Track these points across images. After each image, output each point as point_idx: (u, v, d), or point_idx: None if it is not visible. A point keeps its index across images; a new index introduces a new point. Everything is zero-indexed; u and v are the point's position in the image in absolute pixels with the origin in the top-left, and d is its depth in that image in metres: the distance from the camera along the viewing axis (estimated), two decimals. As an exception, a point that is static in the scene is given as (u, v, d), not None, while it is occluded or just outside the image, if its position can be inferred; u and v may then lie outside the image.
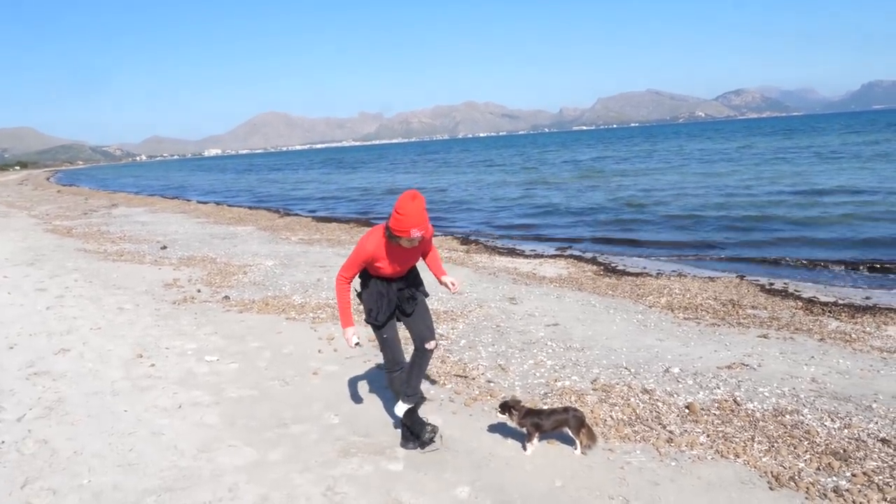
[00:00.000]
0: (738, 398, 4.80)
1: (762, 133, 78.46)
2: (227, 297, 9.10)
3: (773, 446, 4.03)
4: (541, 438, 4.15)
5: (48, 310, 8.56)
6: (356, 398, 5.13)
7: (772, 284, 9.39)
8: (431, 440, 4.15)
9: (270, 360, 6.24)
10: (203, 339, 7.00)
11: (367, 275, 4.17)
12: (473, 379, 5.51)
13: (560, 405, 4.50)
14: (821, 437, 4.11)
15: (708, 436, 4.22)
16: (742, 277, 9.87)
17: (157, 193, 43.72)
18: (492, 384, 5.37)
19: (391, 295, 4.13)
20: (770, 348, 6.09)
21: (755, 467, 3.79)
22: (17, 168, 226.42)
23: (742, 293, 8.71)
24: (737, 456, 3.93)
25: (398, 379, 4.21)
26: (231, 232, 17.84)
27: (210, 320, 7.85)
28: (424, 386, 5.32)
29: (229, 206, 29.22)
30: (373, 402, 5.03)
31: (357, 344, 4.13)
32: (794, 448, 3.98)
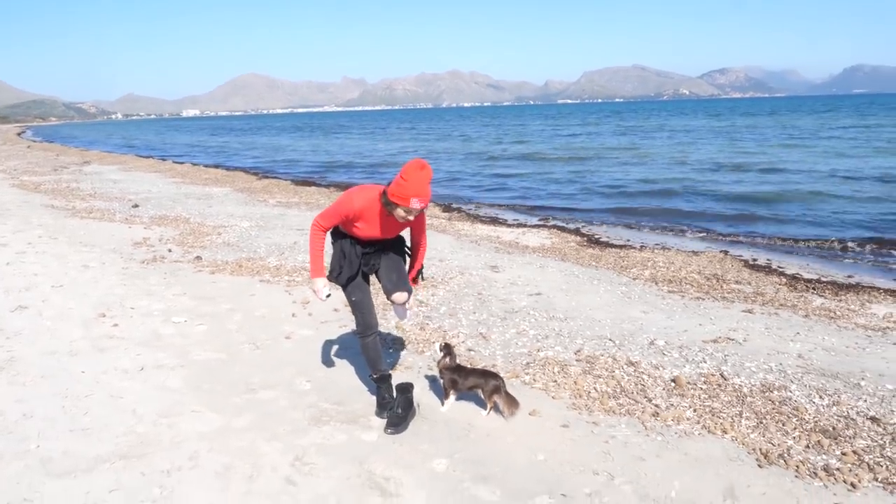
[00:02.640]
0: (725, 373, 4.66)
1: (751, 113, 78.33)
2: (199, 258, 8.78)
3: (761, 422, 3.90)
4: (458, 397, 4.14)
5: (7, 265, 8.19)
6: (330, 364, 4.92)
7: (755, 260, 9.31)
8: (395, 423, 3.86)
9: (241, 322, 5.98)
10: (171, 300, 6.71)
11: (338, 231, 3.92)
12: (453, 347, 5.30)
13: (481, 368, 4.45)
14: (809, 415, 3.98)
15: (695, 410, 4.08)
16: (726, 253, 9.76)
17: (132, 152, 42.64)
18: (472, 353, 5.19)
19: (353, 256, 3.89)
20: (755, 323, 5.98)
21: (743, 444, 3.66)
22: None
23: (726, 268, 8.60)
24: (724, 432, 3.79)
25: (371, 345, 3.99)
26: (206, 193, 17.37)
27: (180, 281, 7.55)
28: (402, 353, 5.15)
29: (205, 167, 28.54)
30: (347, 369, 4.81)
31: (328, 296, 3.88)
32: (783, 425, 3.86)
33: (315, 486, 3.23)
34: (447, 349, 4.13)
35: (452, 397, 4.11)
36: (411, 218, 3.57)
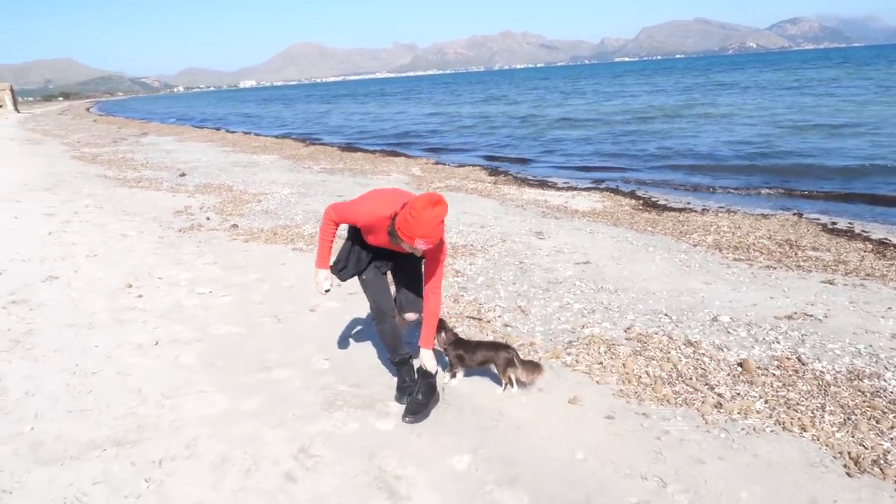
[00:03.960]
0: (803, 356, 4.01)
1: (828, 65, 73.12)
2: (235, 226, 8.52)
3: (849, 419, 3.26)
4: (466, 373, 3.84)
5: (49, 235, 8.11)
6: (352, 340, 4.50)
7: (834, 224, 8.38)
8: (414, 411, 3.41)
9: (267, 293, 5.64)
10: (201, 269, 6.44)
11: (354, 229, 3.52)
12: (489, 322, 4.82)
13: (489, 340, 4.02)
14: (910, 410, 3.32)
15: (766, 402, 3.47)
16: (800, 215, 8.86)
17: (189, 123, 43.35)
18: (509, 328, 4.68)
19: (363, 255, 3.52)
20: (837, 296, 5.23)
21: (827, 445, 3.05)
22: (61, 99, 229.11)
23: (801, 232, 7.76)
24: (803, 429, 3.19)
25: (388, 331, 3.54)
26: (253, 160, 17.24)
27: (212, 249, 7.29)
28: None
29: (256, 135, 28.60)
30: (369, 346, 4.38)
31: (327, 291, 3.57)
32: (877, 423, 3.21)
33: (316, 484, 2.82)
34: (440, 325, 3.67)
35: (460, 374, 3.77)
36: (418, 254, 3.16)
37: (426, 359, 3.50)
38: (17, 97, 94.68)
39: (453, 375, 3.81)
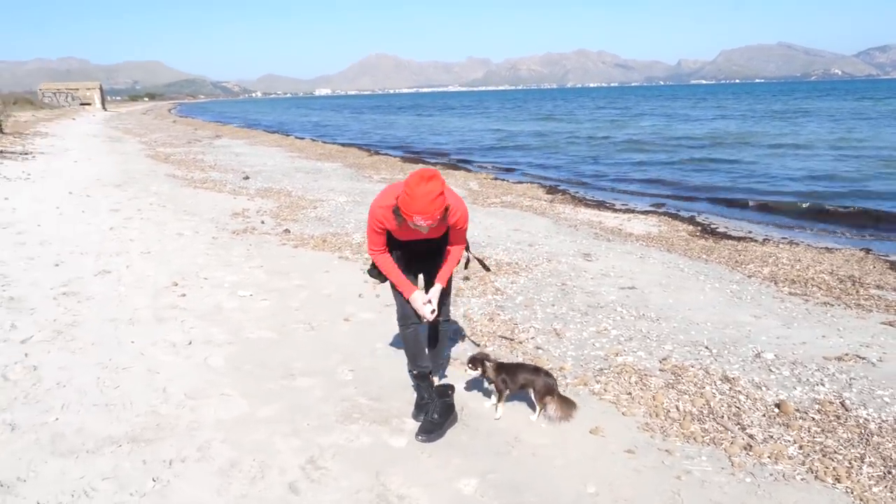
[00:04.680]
0: (848, 401, 3.75)
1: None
2: (287, 231, 8.71)
3: (889, 472, 3.02)
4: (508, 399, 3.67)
5: (111, 230, 8.49)
6: (380, 353, 4.50)
7: (905, 261, 7.88)
8: (428, 430, 3.38)
9: (305, 300, 5.72)
10: (246, 273, 6.60)
11: (389, 235, 3.54)
12: (520, 343, 4.73)
13: (534, 364, 3.80)
14: (961, 469, 3.05)
15: (801, 447, 3.26)
16: (867, 251, 8.37)
17: (263, 127, 44.84)
18: (540, 351, 4.58)
19: (401, 252, 3.57)
20: (897, 339, 4.90)
21: (861, 499, 2.83)
22: (146, 99, 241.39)
23: (866, 269, 7.32)
24: (837, 480, 2.97)
25: (410, 338, 3.55)
26: (317, 167, 17.64)
27: (261, 253, 7.47)
28: (459, 346, 4.65)
29: (324, 142, 29.30)
30: (396, 360, 4.36)
31: (433, 311, 3.49)
32: (921, 480, 2.97)
33: (318, 497, 2.81)
34: (479, 360, 3.62)
35: (504, 402, 3.62)
36: (424, 231, 3.15)
37: (434, 293, 3.49)
38: (106, 96, 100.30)
39: (500, 401, 3.62)
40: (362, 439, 3.33)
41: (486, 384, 3.70)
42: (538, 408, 3.53)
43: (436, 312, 3.50)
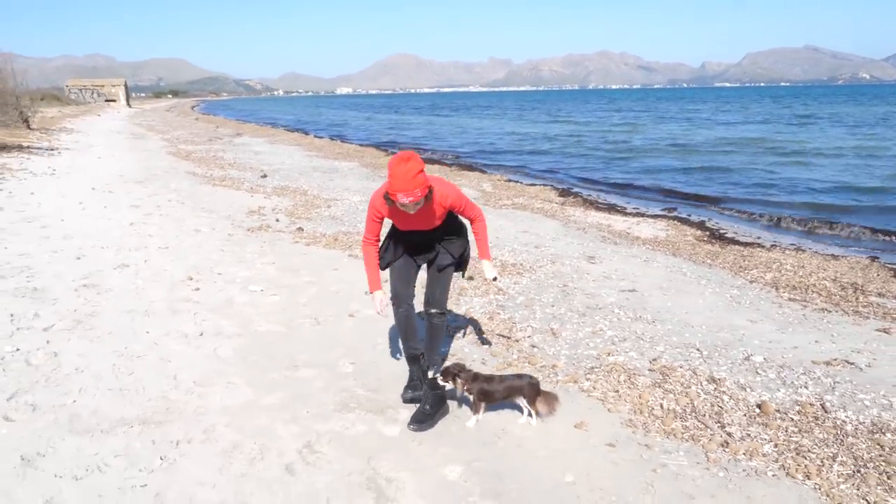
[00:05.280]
0: (828, 403, 3.87)
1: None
2: (300, 229, 8.95)
3: (859, 471, 3.15)
4: (488, 408, 3.70)
5: (131, 226, 8.79)
6: (381, 347, 4.70)
7: (911, 270, 7.91)
8: (420, 420, 3.55)
9: (313, 296, 5.93)
10: (258, 269, 6.83)
11: (393, 226, 3.90)
12: (517, 341, 4.90)
13: (510, 373, 3.86)
14: (929, 470, 3.17)
15: (776, 445, 3.39)
16: (874, 259, 8.41)
17: (283, 125, 45.38)
18: (535, 349, 4.75)
19: (399, 248, 3.87)
20: (889, 346, 4.98)
21: (829, 496, 2.96)
22: (170, 96, 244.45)
23: (869, 276, 7.38)
24: (807, 476, 3.11)
25: (401, 318, 3.84)
26: (334, 166, 17.90)
27: (274, 250, 7.71)
28: (458, 342, 4.83)
29: (342, 141, 29.63)
30: (396, 356, 4.56)
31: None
32: (888, 478, 3.09)
33: (312, 479, 3.01)
34: (452, 372, 3.63)
35: (481, 411, 3.64)
36: (411, 211, 3.41)
37: (487, 268, 3.90)
38: (130, 93, 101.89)
39: (476, 412, 3.62)
40: (357, 427, 3.52)
41: (460, 394, 3.72)
42: (529, 411, 3.58)
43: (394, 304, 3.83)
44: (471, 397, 3.63)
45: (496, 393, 3.58)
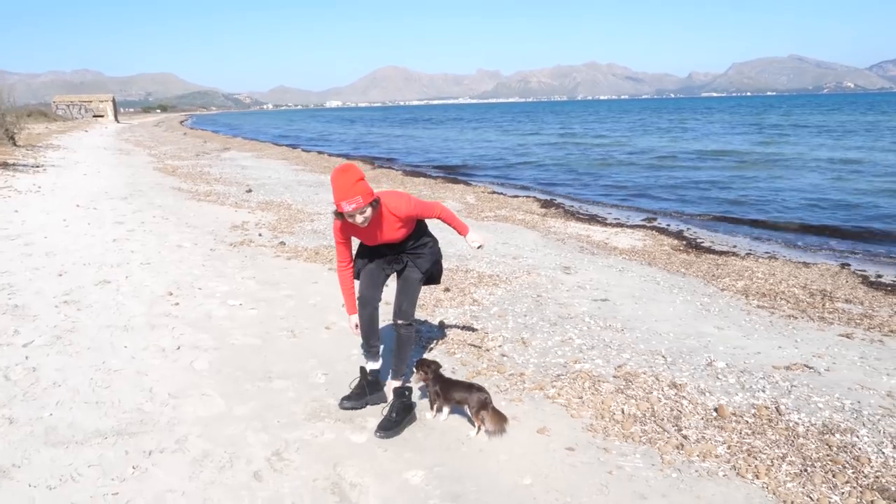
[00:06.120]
0: (783, 406, 4.02)
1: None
2: (282, 243, 9.05)
3: (805, 470, 3.29)
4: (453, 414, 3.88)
5: (114, 242, 8.85)
6: (354, 358, 4.80)
7: (879, 277, 8.12)
8: (386, 427, 3.68)
9: (291, 309, 6.04)
10: (238, 283, 6.93)
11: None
12: (487, 350, 5.02)
13: (468, 381, 3.94)
14: (871, 467, 3.30)
15: (729, 447, 3.53)
16: (844, 266, 8.61)
17: (271, 139, 45.51)
18: (505, 358, 4.87)
19: (366, 258, 4.12)
20: (849, 350, 5.15)
21: (775, 493, 3.10)
22: (158, 111, 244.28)
23: (838, 284, 7.57)
24: (756, 476, 3.24)
25: (364, 319, 4.03)
26: (319, 180, 18.00)
27: (255, 264, 7.80)
28: (432, 352, 4.95)
29: (329, 155, 29.77)
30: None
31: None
32: (833, 476, 3.23)
33: (279, 485, 3.12)
34: (421, 361, 3.92)
35: (446, 409, 3.84)
36: (359, 221, 3.58)
37: (471, 240, 4.15)
38: (119, 108, 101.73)
39: (438, 410, 3.82)
40: (326, 435, 3.63)
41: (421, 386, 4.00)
42: (476, 423, 3.64)
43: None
44: (428, 393, 3.88)
45: (448, 396, 3.76)
